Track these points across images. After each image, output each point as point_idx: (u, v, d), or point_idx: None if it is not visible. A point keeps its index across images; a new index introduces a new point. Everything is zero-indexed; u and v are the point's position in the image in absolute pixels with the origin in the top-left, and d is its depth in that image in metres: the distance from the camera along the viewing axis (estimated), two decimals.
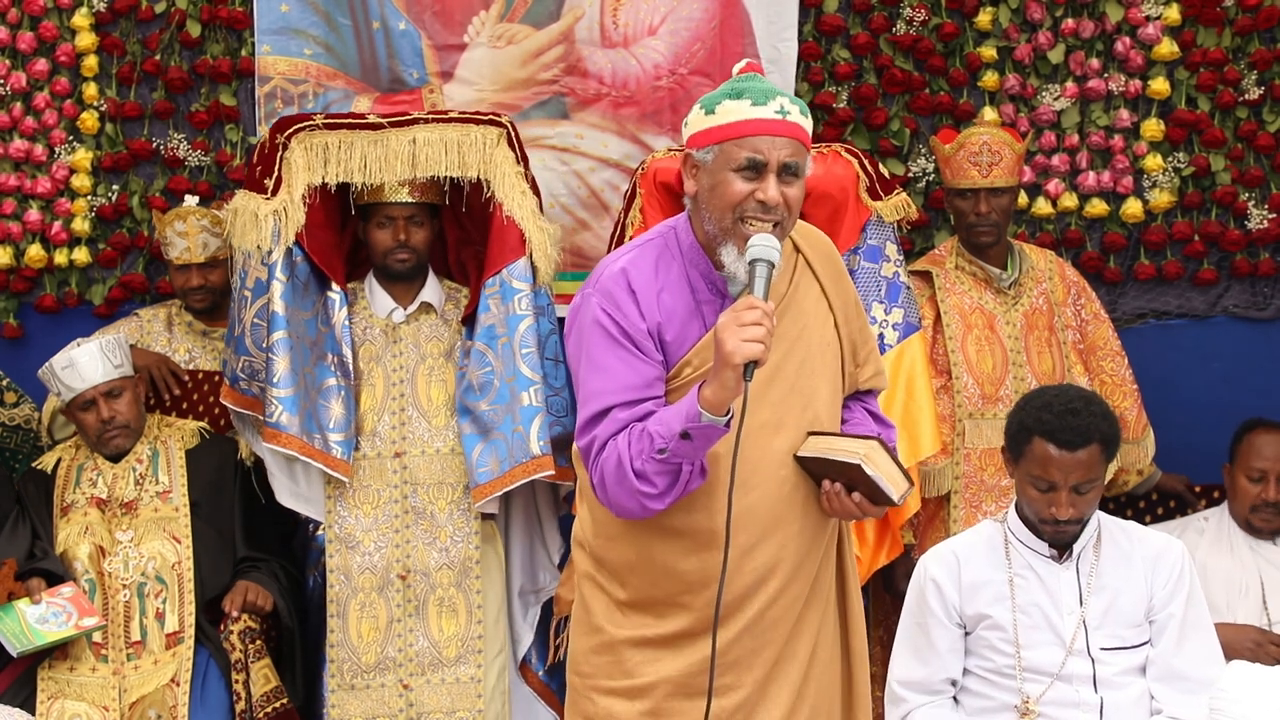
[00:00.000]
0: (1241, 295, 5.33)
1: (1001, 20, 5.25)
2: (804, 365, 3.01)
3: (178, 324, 5.02)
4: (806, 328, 3.02)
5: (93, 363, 4.58)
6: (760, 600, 3.00)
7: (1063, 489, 3.54)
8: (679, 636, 3.02)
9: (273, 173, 4.54)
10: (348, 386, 4.55)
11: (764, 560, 2.99)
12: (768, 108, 2.91)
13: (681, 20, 5.26)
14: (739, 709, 3.01)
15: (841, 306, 3.08)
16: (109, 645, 4.44)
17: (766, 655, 3.02)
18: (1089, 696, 3.58)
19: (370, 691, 4.48)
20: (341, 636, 4.49)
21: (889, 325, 4.57)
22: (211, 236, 4.92)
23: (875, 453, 2.94)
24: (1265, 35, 5.25)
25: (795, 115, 2.92)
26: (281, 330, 4.49)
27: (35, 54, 5.25)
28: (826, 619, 3.11)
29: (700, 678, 2.98)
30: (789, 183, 2.90)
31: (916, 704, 3.69)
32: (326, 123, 4.60)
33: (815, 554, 3.05)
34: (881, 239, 4.62)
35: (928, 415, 4.55)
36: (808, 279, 3.06)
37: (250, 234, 4.52)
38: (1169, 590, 3.63)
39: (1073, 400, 3.55)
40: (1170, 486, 5.02)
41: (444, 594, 4.51)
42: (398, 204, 4.59)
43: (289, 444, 4.46)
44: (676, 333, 2.97)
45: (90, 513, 4.58)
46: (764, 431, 2.96)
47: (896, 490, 2.94)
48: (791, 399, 2.99)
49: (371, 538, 4.52)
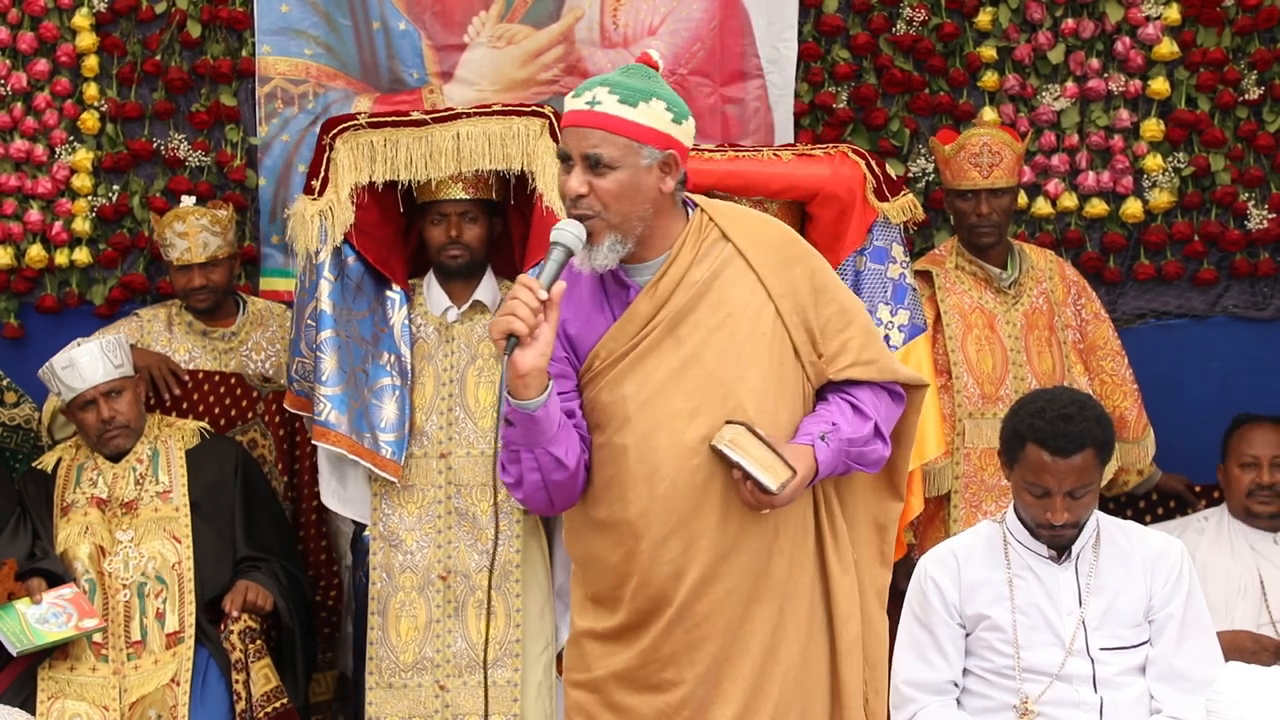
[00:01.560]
0: (1241, 295, 5.33)
1: (1001, 20, 5.25)
2: (726, 354, 2.95)
3: (178, 324, 5.02)
4: (731, 316, 2.96)
5: (93, 363, 4.58)
6: (682, 593, 2.94)
7: (1057, 494, 3.53)
8: (623, 630, 3.01)
9: (319, 174, 4.55)
10: (404, 387, 4.54)
11: (678, 551, 2.93)
12: (580, 99, 2.90)
13: (681, 20, 5.26)
14: (684, 704, 2.97)
15: (788, 295, 2.99)
16: (109, 645, 4.44)
17: (707, 651, 2.97)
18: (1089, 696, 3.58)
19: (408, 691, 4.47)
20: (381, 635, 4.48)
21: (894, 327, 4.57)
22: (212, 236, 4.91)
23: (742, 438, 2.86)
24: (1265, 35, 5.25)
25: (609, 105, 2.87)
26: (329, 329, 4.49)
27: (36, 54, 5.25)
28: (791, 616, 3.01)
29: (642, 671, 2.98)
30: (600, 174, 2.87)
31: (925, 703, 3.69)
32: (371, 121, 4.59)
33: (753, 547, 2.97)
34: (888, 240, 4.61)
35: (933, 417, 4.55)
36: (736, 268, 2.99)
37: (301, 235, 4.54)
38: (1168, 590, 3.63)
39: (1065, 406, 3.54)
40: (1170, 486, 5.01)
41: (483, 596, 4.48)
42: (451, 200, 4.57)
43: (338, 442, 4.46)
44: (580, 326, 2.97)
45: (90, 512, 4.58)
46: (676, 420, 2.92)
47: (771, 478, 2.85)
48: (709, 388, 2.93)
49: (414, 537, 4.51)
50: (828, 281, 3.06)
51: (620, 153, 2.87)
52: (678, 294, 2.95)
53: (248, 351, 5.02)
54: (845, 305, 3.07)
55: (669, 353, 2.94)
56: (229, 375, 4.96)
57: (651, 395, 2.93)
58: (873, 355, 3.05)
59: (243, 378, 4.97)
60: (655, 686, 2.99)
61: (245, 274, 5.28)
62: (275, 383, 4.99)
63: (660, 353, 2.94)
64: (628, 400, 2.93)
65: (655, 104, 2.90)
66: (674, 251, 2.96)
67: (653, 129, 2.89)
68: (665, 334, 2.95)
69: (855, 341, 3.03)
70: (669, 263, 2.96)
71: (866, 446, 3.02)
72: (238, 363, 5.00)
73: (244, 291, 5.17)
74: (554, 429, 2.87)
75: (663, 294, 2.95)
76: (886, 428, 3.07)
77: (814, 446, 2.93)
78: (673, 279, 2.95)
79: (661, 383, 2.92)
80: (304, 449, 4.94)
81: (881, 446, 3.05)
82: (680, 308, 2.95)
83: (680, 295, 2.95)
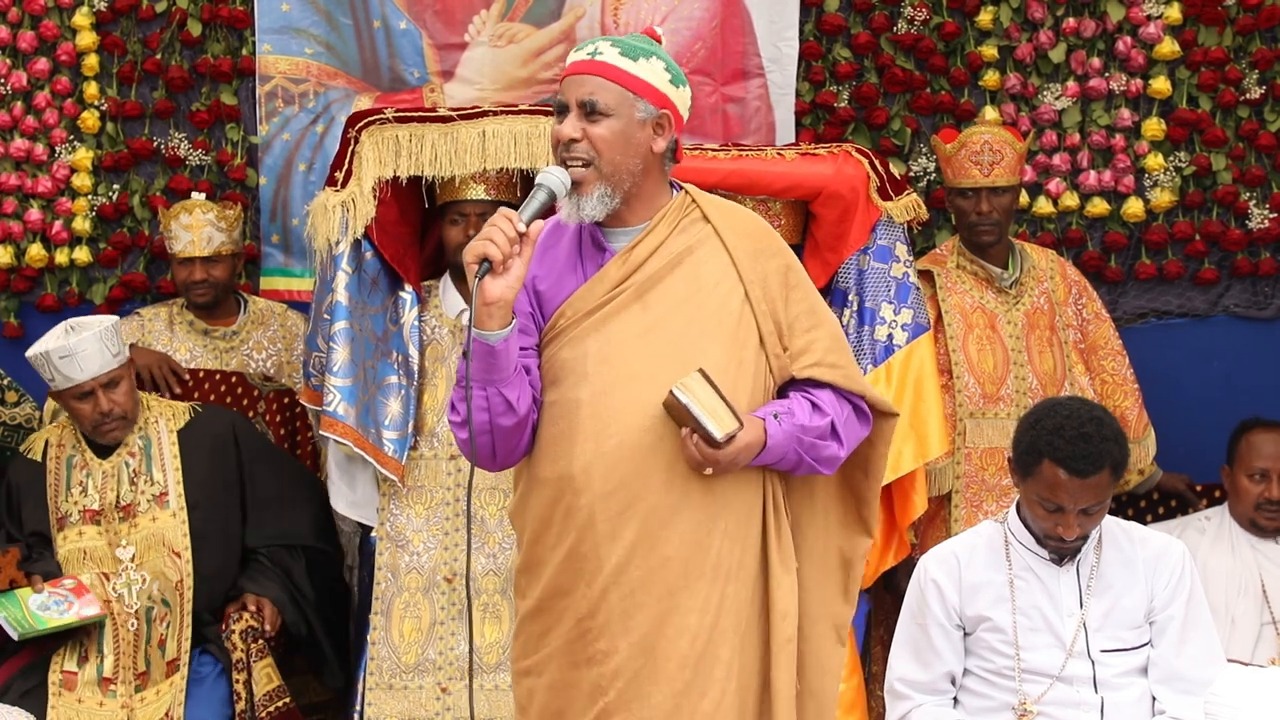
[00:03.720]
0: (1242, 295, 5.33)
1: (1002, 19, 5.25)
2: (691, 326, 2.97)
3: (179, 323, 5.01)
4: (700, 291, 2.99)
5: (92, 354, 4.48)
6: (617, 554, 2.93)
7: (1071, 511, 3.52)
8: (553, 595, 2.99)
9: (343, 166, 4.55)
10: (409, 386, 4.54)
11: (616, 510, 2.93)
12: (581, 52, 2.97)
13: (682, 19, 5.26)
14: (618, 675, 2.95)
15: (759, 283, 3.02)
16: (118, 680, 4.39)
17: (642, 619, 2.95)
18: (1089, 697, 3.58)
19: (408, 693, 4.45)
20: (383, 635, 4.48)
21: (898, 326, 4.56)
22: (216, 231, 4.91)
23: (696, 384, 2.88)
24: (1266, 34, 5.24)
25: (610, 56, 2.95)
26: (343, 321, 4.50)
27: (36, 53, 5.25)
28: (734, 601, 2.99)
29: (580, 642, 2.97)
30: (594, 120, 2.92)
31: (919, 702, 3.69)
32: (397, 116, 4.59)
33: (694, 517, 2.96)
34: (891, 239, 4.60)
35: (936, 416, 4.54)
36: (712, 247, 3.02)
37: (321, 227, 4.53)
38: (1169, 592, 3.62)
39: (1084, 424, 3.50)
40: (1171, 486, 5.01)
41: (488, 600, 4.48)
42: (471, 200, 4.57)
43: (345, 434, 4.46)
44: (551, 284, 3.00)
45: (86, 531, 4.51)
46: (634, 382, 2.94)
47: (718, 426, 2.86)
48: (671, 355, 2.94)
49: (421, 538, 4.51)
50: (801, 281, 3.10)
51: (616, 101, 2.93)
52: (651, 261, 2.99)
53: (249, 351, 5.02)
54: (816, 309, 3.09)
55: (635, 317, 2.98)
56: (229, 374, 4.96)
57: (611, 355, 2.96)
58: (837, 360, 3.07)
59: (244, 377, 4.96)
60: (589, 659, 2.97)
61: (246, 273, 5.28)
62: (276, 382, 4.99)
63: (627, 315, 2.98)
64: (588, 357, 2.96)
65: (655, 62, 2.97)
66: (654, 222, 3.01)
67: (650, 84, 2.96)
68: (633, 298, 2.98)
69: (821, 344, 3.06)
70: (647, 231, 3.00)
71: (820, 440, 3.02)
72: (239, 362, 4.99)
73: (244, 291, 5.17)
74: (510, 368, 2.90)
75: (636, 260, 2.99)
76: (846, 433, 3.06)
77: (765, 421, 2.95)
78: (648, 247, 3.00)
79: (623, 344, 2.95)
80: (304, 449, 4.94)
81: (837, 447, 3.05)
82: (651, 275, 2.98)
83: (653, 263, 2.99)
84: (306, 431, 4.91)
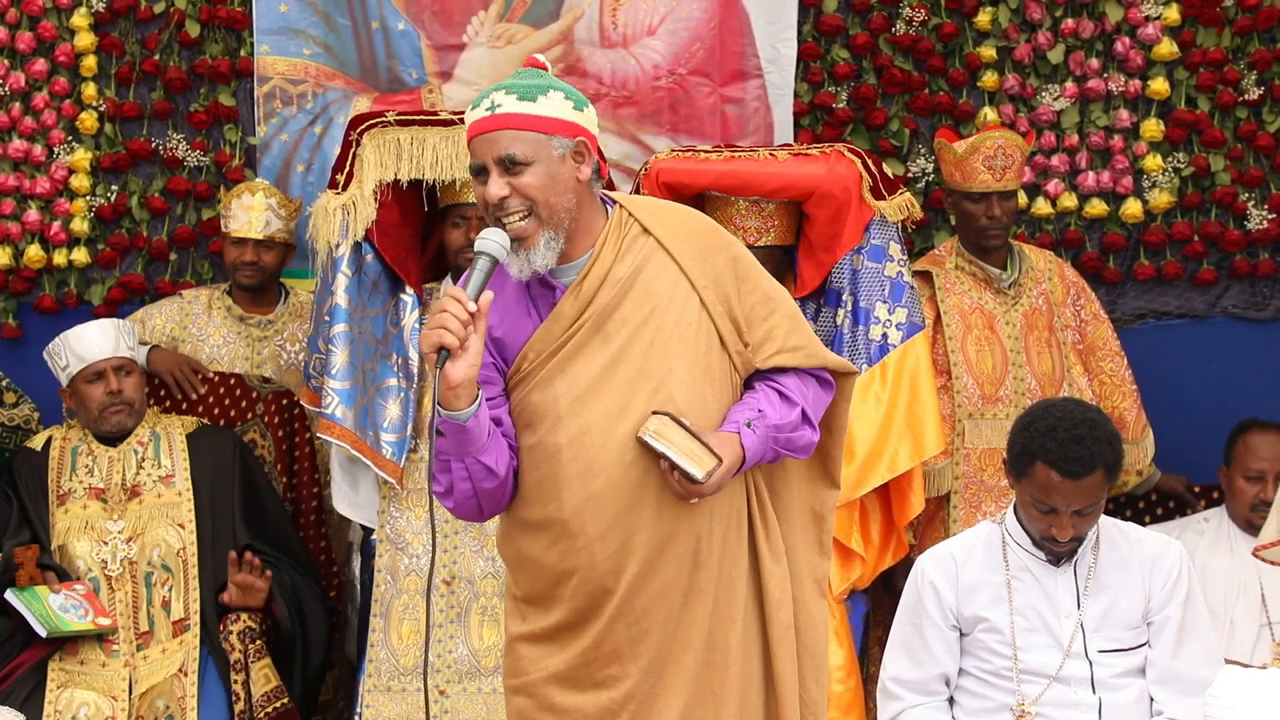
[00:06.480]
0: (1241, 295, 5.33)
1: (1001, 20, 5.25)
2: (654, 347, 2.97)
3: (217, 308, 5.04)
4: (656, 309, 2.98)
5: (106, 335, 4.58)
6: (623, 587, 2.95)
7: (1064, 513, 3.52)
8: (560, 629, 3.01)
9: (344, 168, 4.55)
10: (409, 389, 4.53)
11: (616, 546, 2.94)
12: (479, 109, 2.94)
13: (681, 20, 5.26)
14: (630, 699, 2.98)
15: (712, 285, 3.01)
16: (119, 639, 4.43)
17: (650, 644, 2.97)
18: (1087, 697, 3.59)
19: (406, 695, 4.44)
20: (382, 637, 4.47)
21: (892, 325, 4.56)
22: (275, 217, 4.95)
23: (666, 428, 2.89)
24: (1265, 35, 5.24)
25: (509, 105, 2.92)
26: (342, 323, 4.50)
27: (34, 54, 5.26)
28: (726, 605, 3.02)
29: (585, 669, 2.99)
30: (517, 173, 2.89)
31: (911, 703, 3.69)
32: (399, 119, 4.59)
33: (689, 537, 2.98)
34: (885, 239, 4.60)
35: (932, 415, 4.54)
36: (659, 261, 3.00)
37: (322, 229, 4.54)
38: (1167, 592, 3.62)
39: (1077, 425, 3.50)
40: (1170, 487, 5.01)
41: (487, 603, 4.48)
42: (472, 204, 4.54)
43: (343, 436, 4.47)
44: (507, 329, 2.99)
45: (90, 505, 4.55)
46: (607, 418, 2.94)
47: (697, 467, 2.87)
48: (639, 383, 2.95)
49: (421, 540, 4.50)
50: (750, 269, 3.08)
51: (531, 147, 2.91)
52: (602, 292, 2.97)
53: (282, 341, 5.05)
54: (769, 293, 3.08)
55: (597, 351, 2.96)
56: (229, 376, 4.96)
57: (582, 394, 2.95)
58: (799, 341, 3.07)
59: (242, 378, 4.97)
60: (598, 684, 2.99)
61: None
62: (275, 383, 4.99)
63: (588, 351, 2.96)
64: (559, 400, 2.95)
65: (554, 95, 2.94)
66: (596, 250, 2.98)
67: (557, 119, 2.93)
68: (592, 332, 2.97)
69: (780, 329, 3.05)
70: (592, 261, 2.98)
71: (794, 433, 3.03)
72: (270, 351, 5.02)
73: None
74: (484, 438, 2.90)
75: (587, 293, 2.97)
76: (815, 413, 3.08)
77: (740, 434, 2.96)
78: (596, 277, 2.98)
79: (591, 381, 2.94)
80: (303, 450, 4.94)
81: (810, 432, 3.06)
82: (605, 306, 2.97)
83: (605, 293, 2.97)
84: (305, 433, 4.91)
